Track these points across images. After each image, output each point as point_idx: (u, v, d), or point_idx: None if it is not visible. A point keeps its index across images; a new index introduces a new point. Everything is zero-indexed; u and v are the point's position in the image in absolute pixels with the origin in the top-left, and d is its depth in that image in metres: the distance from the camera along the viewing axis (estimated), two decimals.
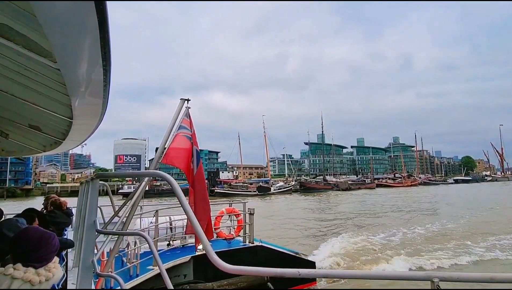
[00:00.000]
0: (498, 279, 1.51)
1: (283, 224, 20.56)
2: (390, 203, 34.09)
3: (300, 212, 27.57)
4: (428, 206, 30.02)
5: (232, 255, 7.22)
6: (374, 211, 26.49)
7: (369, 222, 19.85)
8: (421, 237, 14.48)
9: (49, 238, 1.65)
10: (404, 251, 11.97)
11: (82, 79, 1.77)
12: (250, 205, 8.16)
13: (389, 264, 10.40)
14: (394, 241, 13.93)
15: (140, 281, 5.47)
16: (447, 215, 21.61)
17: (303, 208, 31.73)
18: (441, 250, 12.09)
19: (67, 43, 1.36)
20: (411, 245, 13.09)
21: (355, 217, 22.99)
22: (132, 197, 3.81)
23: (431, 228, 16.66)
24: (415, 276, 1.65)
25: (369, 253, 11.75)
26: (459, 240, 13.64)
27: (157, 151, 4.52)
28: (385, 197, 42.67)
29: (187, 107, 4.58)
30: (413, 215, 22.97)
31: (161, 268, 1.87)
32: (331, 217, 23.77)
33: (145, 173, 2.61)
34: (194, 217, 1.71)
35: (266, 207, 34.45)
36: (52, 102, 2.55)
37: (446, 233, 15.22)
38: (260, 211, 26.22)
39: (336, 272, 2.31)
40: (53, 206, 4.39)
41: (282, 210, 30.80)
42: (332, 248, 12.18)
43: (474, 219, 19.57)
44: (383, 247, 12.76)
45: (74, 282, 2.33)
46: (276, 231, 17.48)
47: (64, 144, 4.11)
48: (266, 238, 10.34)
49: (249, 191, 58.75)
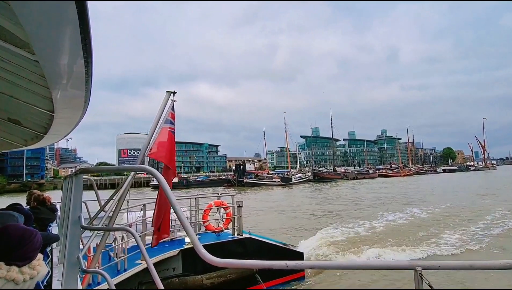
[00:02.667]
0: (477, 267, 1.58)
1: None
2: (411, 189, 38.88)
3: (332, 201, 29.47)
4: (445, 189, 36.90)
5: (221, 248, 7.26)
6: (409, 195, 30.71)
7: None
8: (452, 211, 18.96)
9: (31, 235, 1.61)
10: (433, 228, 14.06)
11: (62, 71, 1.71)
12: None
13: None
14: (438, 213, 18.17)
15: (128, 275, 5.44)
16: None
17: (335, 197, 33.55)
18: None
19: (45, 33, 1.31)
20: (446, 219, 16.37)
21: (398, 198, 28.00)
22: (118, 191, 3.75)
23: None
24: (399, 265, 1.70)
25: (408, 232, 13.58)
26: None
27: (143, 145, 4.45)
28: (398, 185, 48.05)
29: (173, 100, 4.51)
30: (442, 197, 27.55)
31: (148, 263, 1.86)
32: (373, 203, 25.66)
33: (131, 167, 2.56)
34: (181, 212, 1.69)
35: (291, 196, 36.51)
36: (32, 95, 2.46)
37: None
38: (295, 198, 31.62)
39: (322, 263, 2.36)
40: (36, 202, 4.28)
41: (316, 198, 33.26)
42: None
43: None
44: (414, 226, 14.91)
45: (60, 279, 2.29)
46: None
47: (46, 138, 3.99)
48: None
49: (274, 181, 62.52)
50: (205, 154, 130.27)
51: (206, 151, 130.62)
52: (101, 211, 3.73)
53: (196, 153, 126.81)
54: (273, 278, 7.43)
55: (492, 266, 1.61)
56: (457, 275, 7.81)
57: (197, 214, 8.17)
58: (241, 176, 62.01)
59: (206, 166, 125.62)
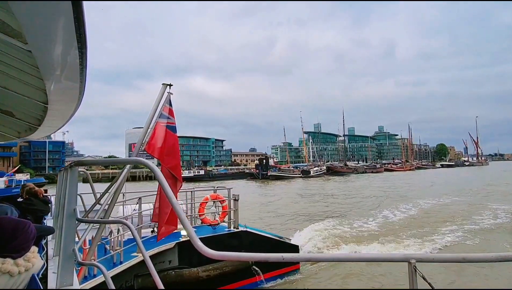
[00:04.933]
0: (470, 259, 1.60)
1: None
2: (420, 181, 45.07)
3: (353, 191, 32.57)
4: (457, 182, 40.80)
5: (217, 241, 7.29)
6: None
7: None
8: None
9: (24, 226, 1.60)
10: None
11: (56, 62, 1.68)
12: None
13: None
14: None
15: (123, 268, 5.45)
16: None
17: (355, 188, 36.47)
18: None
19: (38, 23, 1.27)
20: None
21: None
22: (114, 184, 3.74)
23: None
24: (393, 258, 1.72)
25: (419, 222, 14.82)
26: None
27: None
28: (409, 178, 52.91)
29: (169, 93, 4.47)
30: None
31: (144, 255, 1.86)
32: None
33: (126, 160, 2.54)
34: (178, 205, 1.69)
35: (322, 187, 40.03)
36: (25, 86, 2.42)
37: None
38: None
39: (318, 255, 2.38)
40: (28, 194, 4.26)
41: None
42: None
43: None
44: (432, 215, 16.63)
45: (55, 271, 2.29)
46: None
47: (40, 130, 3.95)
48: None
49: (295, 174, 67.07)
50: (212, 148, 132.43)
51: (213, 146, 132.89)
52: (96, 204, 3.72)
53: (203, 148, 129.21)
54: (269, 270, 7.51)
55: (484, 258, 1.63)
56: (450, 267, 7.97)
57: (193, 207, 8.18)
58: (264, 169, 65.93)
59: (212, 160, 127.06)
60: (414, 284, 1.52)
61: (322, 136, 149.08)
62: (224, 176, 73.35)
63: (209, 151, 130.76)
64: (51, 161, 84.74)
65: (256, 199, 27.12)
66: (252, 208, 20.74)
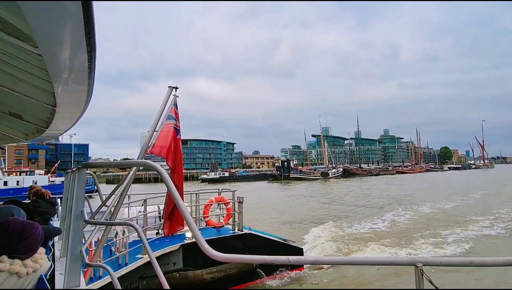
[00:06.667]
0: (477, 263, 1.58)
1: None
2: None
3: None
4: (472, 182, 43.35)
5: (222, 243, 7.29)
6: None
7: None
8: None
9: (32, 228, 1.61)
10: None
11: (65, 65, 1.70)
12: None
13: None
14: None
15: (129, 269, 5.47)
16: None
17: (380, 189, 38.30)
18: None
19: (49, 27, 1.30)
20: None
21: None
22: (120, 186, 3.76)
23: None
24: (400, 261, 1.70)
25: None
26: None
27: (144, 141, 4.45)
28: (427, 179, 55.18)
29: (175, 96, 4.50)
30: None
31: (151, 257, 1.87)
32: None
33: (133, 162, 2.57)
34: (184, 207, 1.70)
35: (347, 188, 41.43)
36: (34, 89, 2.45)
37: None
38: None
39: (323, 258, 2.37)
40: (35, 196, 4.31)
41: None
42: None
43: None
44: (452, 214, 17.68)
45: (62, 272, 2.31)
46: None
47: (47, 132, 3.99)
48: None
49: (316, 176, 70.38)
50: (223, 151, 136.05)
51: (224, 149, 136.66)
52: (103, 206, 3.75)
53: (215, 150, 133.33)
54: (273, 273, 7.49)
55: (493, 262, 1.61)
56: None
57: (198, 209, 8.20)
58: (286, 171, 69.86)
59: (224, 163, 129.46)
60: (421, 287, 1.50)
61: (329, 140, 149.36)
62: (247, 178, 76.75)
63: (220, 154, 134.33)
64: (76, 163, 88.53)
65: (300, 201, 27.82)
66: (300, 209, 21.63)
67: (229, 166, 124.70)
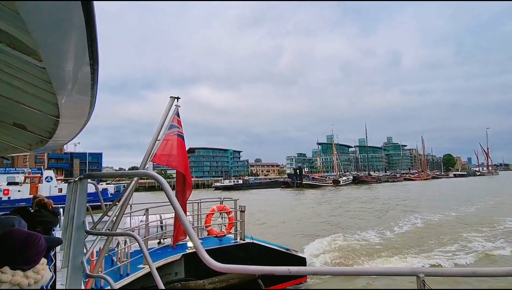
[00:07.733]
0: (480, 273, 1.56)
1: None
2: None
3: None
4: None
5: (223, 253, 7.24)
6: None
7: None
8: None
9: (35, 239, 1.62)
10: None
11: (68, 78, 1.74)
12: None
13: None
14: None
15: (130, 280, 5.44)
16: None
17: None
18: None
19: (52, 42, 1.33)
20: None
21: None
22: (121, 197, 3.77)
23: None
24: (401, 272, 1.69)
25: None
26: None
27: (146, 150, 4.47)
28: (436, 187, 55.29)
29: (177, 106, 4.54)
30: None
31: (151, 267, 1.87)
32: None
33: (134, 173, 2.58)
34: (184, 215, 1.71)
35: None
36: (38, 100, 2.49)
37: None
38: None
39: (324, 269, 2.35)
40: (38, 206, 4.33)
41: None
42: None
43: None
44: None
45: (63, 283, 2.30)
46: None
47: (51, 142, 4.03)
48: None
49: (328, 183, 71.35)
50: (230, 159, 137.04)
51: (231, 157, 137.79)
52: (104, 216, 3.75)
53: (222, 159, 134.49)
54: (276, 283, 7.39)
55: (496, 273, 1.59)
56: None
57: (199, 218, 8.16)
58: (298, 178, 71.43)
59: (231, 171, 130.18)
60: None
61: (335, 147, 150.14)
62: (260, 185, 77.98)
63: (227, 162, 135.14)
64: (91, 171, 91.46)
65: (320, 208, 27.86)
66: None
67: (235, 174, 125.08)
